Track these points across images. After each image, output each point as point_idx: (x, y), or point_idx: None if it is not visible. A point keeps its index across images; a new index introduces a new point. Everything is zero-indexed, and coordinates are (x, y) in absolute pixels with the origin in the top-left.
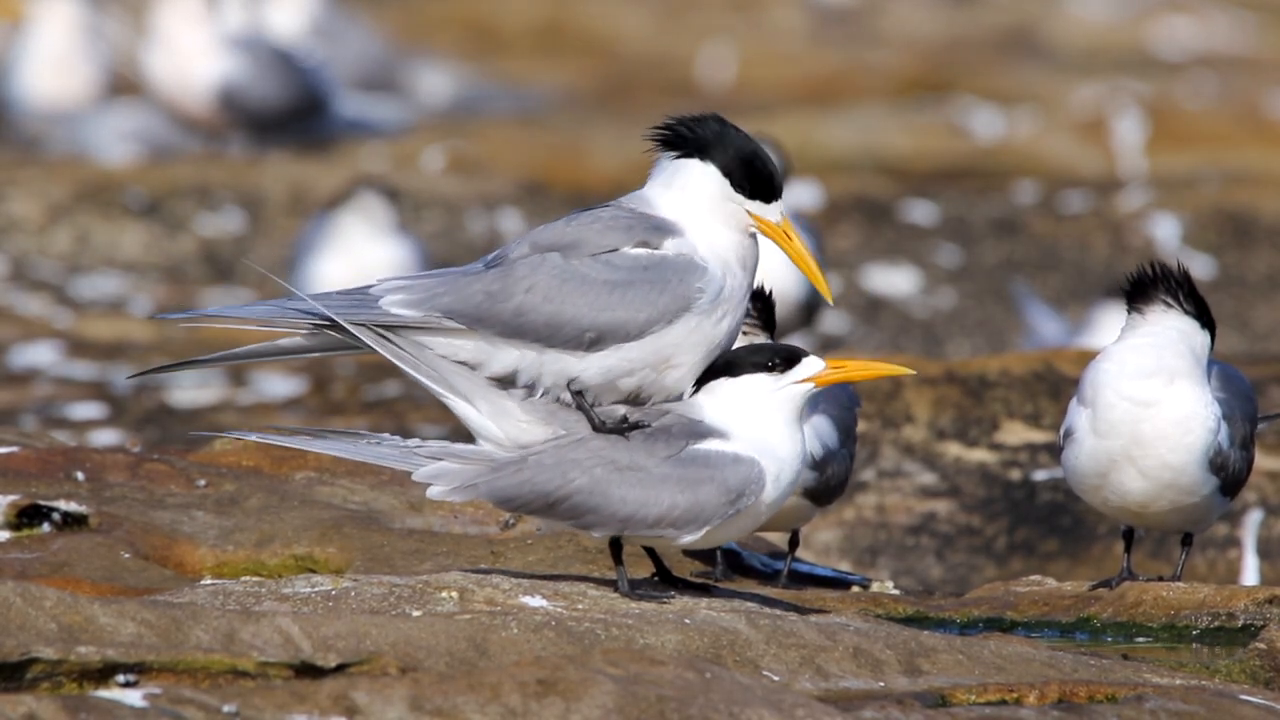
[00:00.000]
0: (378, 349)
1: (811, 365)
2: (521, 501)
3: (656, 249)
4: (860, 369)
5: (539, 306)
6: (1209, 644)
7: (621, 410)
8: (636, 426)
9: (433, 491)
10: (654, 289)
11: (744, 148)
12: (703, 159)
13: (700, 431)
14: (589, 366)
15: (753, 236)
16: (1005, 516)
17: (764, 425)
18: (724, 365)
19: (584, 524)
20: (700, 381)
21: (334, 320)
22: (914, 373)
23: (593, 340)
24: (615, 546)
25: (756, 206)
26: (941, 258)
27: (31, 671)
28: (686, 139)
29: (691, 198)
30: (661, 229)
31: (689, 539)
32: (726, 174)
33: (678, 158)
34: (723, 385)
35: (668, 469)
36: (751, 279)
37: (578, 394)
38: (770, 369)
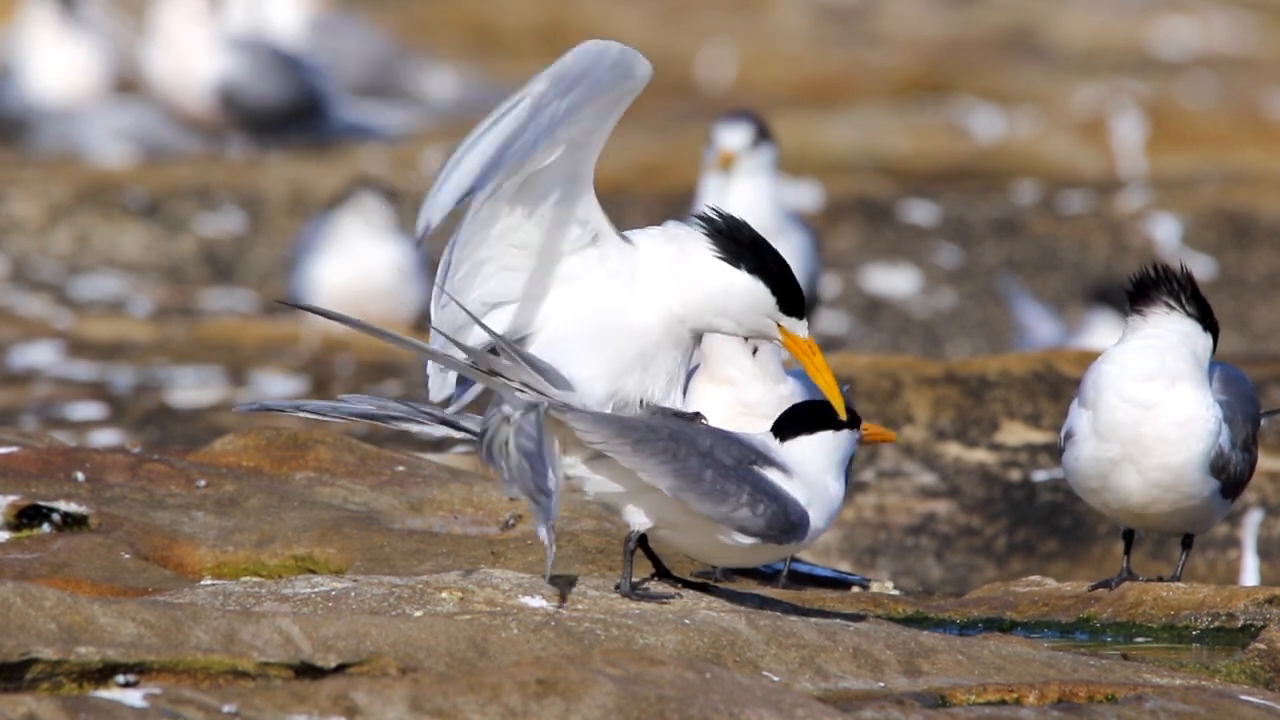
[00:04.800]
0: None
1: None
2: (606, 434)
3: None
4: (878, 433)
5: None
6: (1209, 644)
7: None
8: (697, 417)
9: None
10: None
11: (784, 265)
12: (752, 274)
13: (773, 460)
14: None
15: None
16: (1005, 517)
17: (825, 473)
18: (808, 415)
19: (652, 475)
20: (778, 426)
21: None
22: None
23: None
24: (632, 545)
25: (790, 323)
26: (941, 258)
27: (31, 672)
28: (735, 247)
29: (719, 300)
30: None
31: (740, 540)
32: (776, 294)
33: (719, 258)
34: (805, 435)
35: (742, 473)
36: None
37: None
38: (853, 426)
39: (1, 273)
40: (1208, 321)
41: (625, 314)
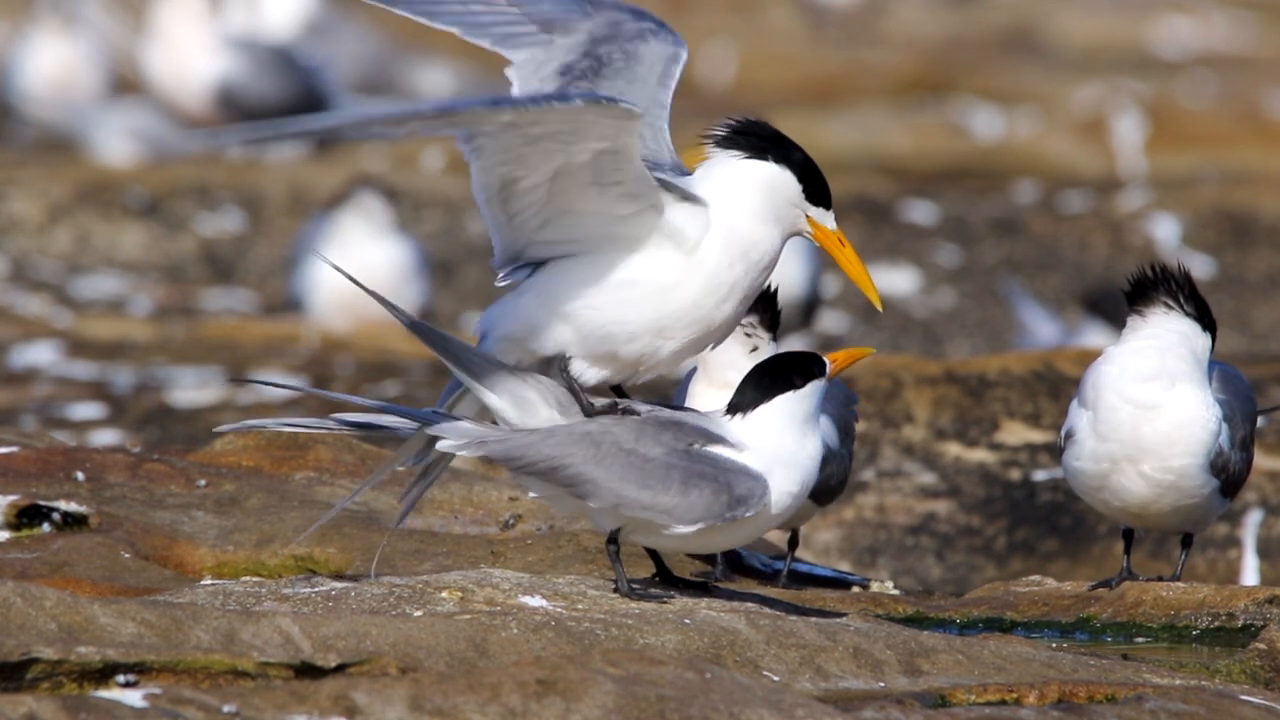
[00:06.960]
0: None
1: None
2: (525, 462)
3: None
4: (847, 358)
5: None
6: (1209, 644)
7: (632, 405)
8: (629, 413)
9: (442, 444)
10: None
11: (807, 156)
12: (778, 163)
13: (714, 437)
14: (597, 321)
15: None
16: (1005, 516)
17: (786, 436)
18: (755, 383)
19: (581, 493)
20: (735, 398)
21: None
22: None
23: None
24: (614, 547)
25: (818, 213)
26: (941, 258)
27: (31, 671)
28: (757, 142)
29: (750, 194)
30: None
31: (681, 530)
32: (801, 180)
33: (747, 158)
34: (753, 405)
35: (673, 460)
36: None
37: (566, 372)
38: (796, 386)
39: (1, 272)
40: (1206, 321)
41: (666, 275)
